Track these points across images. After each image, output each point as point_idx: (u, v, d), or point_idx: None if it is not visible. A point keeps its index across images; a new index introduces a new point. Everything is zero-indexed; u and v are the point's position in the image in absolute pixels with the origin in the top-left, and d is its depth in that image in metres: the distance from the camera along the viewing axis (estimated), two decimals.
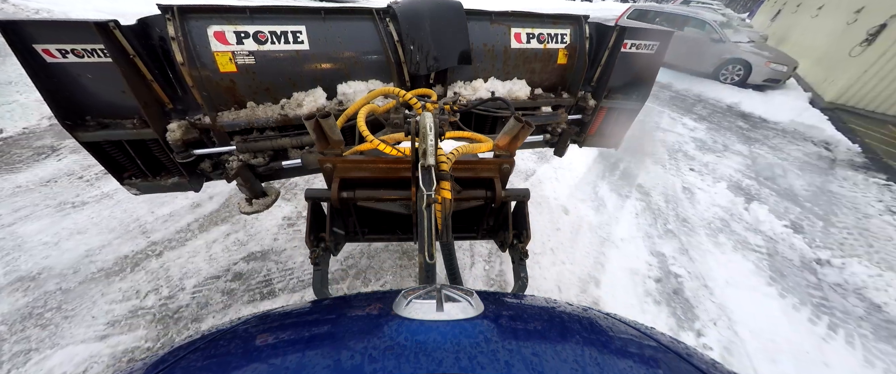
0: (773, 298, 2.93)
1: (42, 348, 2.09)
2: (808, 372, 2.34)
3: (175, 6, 1.54)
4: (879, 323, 2.79)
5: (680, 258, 3.27)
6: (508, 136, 1.18)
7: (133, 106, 1.60)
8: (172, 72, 1.68)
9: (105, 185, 3.37)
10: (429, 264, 0.87)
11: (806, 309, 2.85)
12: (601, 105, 2.47)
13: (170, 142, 1.71)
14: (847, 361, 2.46)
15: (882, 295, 3.03)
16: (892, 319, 2.84)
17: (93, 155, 1.70)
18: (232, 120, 1.77)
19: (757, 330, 2.60)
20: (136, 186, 1.87)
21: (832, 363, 2.42)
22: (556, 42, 2.30)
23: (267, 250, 2.88)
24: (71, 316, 2.28)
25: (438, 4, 1.96)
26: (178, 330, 2.27)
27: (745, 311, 2.76)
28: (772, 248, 3.54)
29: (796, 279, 3.17)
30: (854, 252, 3.60)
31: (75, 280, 2.50)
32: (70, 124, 1.57)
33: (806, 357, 2.44)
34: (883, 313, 2.89)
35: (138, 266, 2.64)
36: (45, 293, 2.39)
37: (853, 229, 4.01)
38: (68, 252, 2.68)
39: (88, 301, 2.38)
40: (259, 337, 0.61)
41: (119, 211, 3.10)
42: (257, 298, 2.51)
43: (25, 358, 2.03)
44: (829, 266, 3.33)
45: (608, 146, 2.78)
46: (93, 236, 2.84)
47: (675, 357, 0.59)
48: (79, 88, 1.54)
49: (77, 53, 1.43)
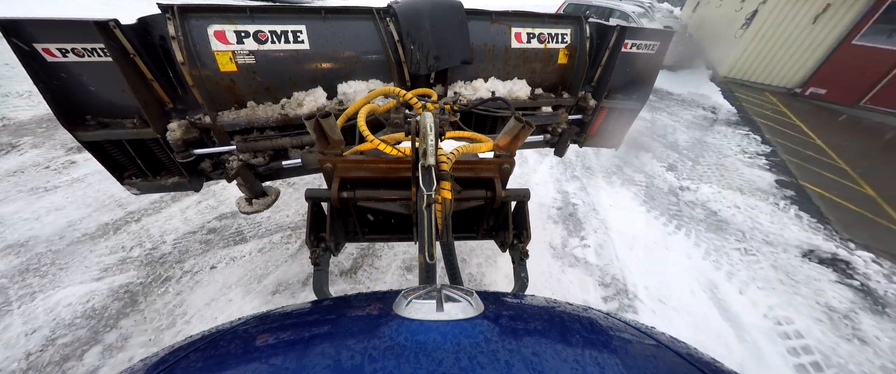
0: (642, 213, 3.91)
1: (45, 289, 2.48)
2: (653, 251, 3.29)
3: (175, 5, 1.54)
4: (711, 222, 3.87)
5: (579, 194, 4.18)
6: (509, 136, 1.18)
7: (133, 105, 1.61)
8: (173, 71, 1.68)
9: (74, 171, 3.59)
10: (429, 264, 0.86)
11: (663, 218, 3.86)
12: (602, 105, 2.47)
13: (170, 141, 1.71)
14: (682, 244, 3.47)
15: (718, 205, 4.14)
16: (721, 219, 3.93)
17: (93, 154, 1.70)
18: (232, 119, 1.78)
19: (624, 233, 3.55)
20: (137, 185, 1.88)
21: (671, 247, 3.41)
22: (557, 42, 2.30)
23: (237, 211, 3.38)
24: (66, 267, 2.64)
25: (439, 4, 1.97)
26: (165, 269, 2.70)
27: (618, 223, 3.71)
28: (650, 182, 4.58)
29: (662, 200, 4.20)
30: (708, 180, 4.74)
31: (63, 244, 2.83)
32: (70, 123, 1.57)
33: (654, 245, 3.42)
34: (716, 216, 3.98)
35: (120, 230, 3.02)
36: (36, 254, 2.71)
37: (712, 165, 5.23)
38: (51, 224, 2.99)
39: (79, 257, 2.74)
40: (259, 337, 0.61)
41: (92, 191, 3.41)
42: (231, 244, 3.01)
43: (32, 298, 2.42)
44: (687, 191, 4.41)
45: (608, 146, 2.79)
46: (72, 211, 3.14)
47: (674, 357, 0.59)
48: (79, 87, 1.54)
49: (77, 53, 1.43)
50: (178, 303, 2.50)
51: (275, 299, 2.60)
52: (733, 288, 2.94)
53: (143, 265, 2.74)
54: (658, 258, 3.26)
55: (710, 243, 3.55)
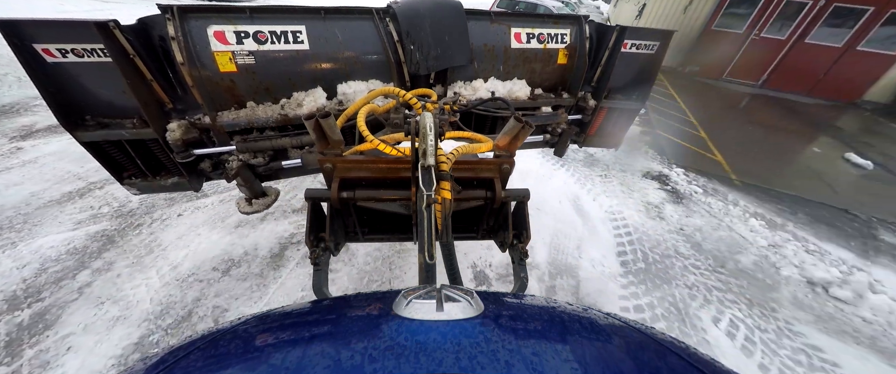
0: (539, 158, 4.83)
1: (24, 240, 2.69)
2: (540, 180, 4.36)
3: (175, 6, 1.54)
4: (587, 161, 5.07)
5: None
6: (508, 136, 1.17)
7: (133, 106, 1.60)
8: (172, 71, 1.68)
9: (24, 155, 3.60)
10: (429, 264, 0.86)
11: (553, 160, 4.84)
12: (601, 105, 2.47)
13: (170, 142, 1.71)
14: (562, 175, 4.57)
15: (594, 149, 5.27)
16: (595, 159, 5.13)
17: (92, 155, 1.69)
18: (232, 120, 1.77)
19: (523, 170, 4.45)
20: (136, 185, 1.87)
21: (554, 176, 4.52)
22: (557, 42, 2.30)
23: None
24: (39, 224, 2.85)
25: (439, 4, 1.96)
26: (135, 219, 3.00)
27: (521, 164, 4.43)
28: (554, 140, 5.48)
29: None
30: None
31: (31, 208, 2.99)
32: (70, 124, 1.57)
33: (543, 176, 4.49)
34: (592, 158, 5.16)
35: (86, 195, 3.21)
36: (7, 217, 2.87)
37: None
38: (13, 196, 3.09)
39: (50, 216, 2.94)
40: (259, 337, 0.61)
41: (47, 169, 3.47)
42: (194, 199, 3.31)
43: (14, 246, 2.63)
44: None
45: (608, 146, 2.78)
46: (31, 186, 3.24)
47: (674, 357, 0.59)
48: (78, 87, 1.54)
49: (77, 53, 1.43)
50: (153, 240, 2.85)
51: (238, 231, 2.99)
52: (589, 198, 4.18)
53: (115, 218, 3.02)
54: (543, 185, 4.33)
55: (582, 173, 4.75)
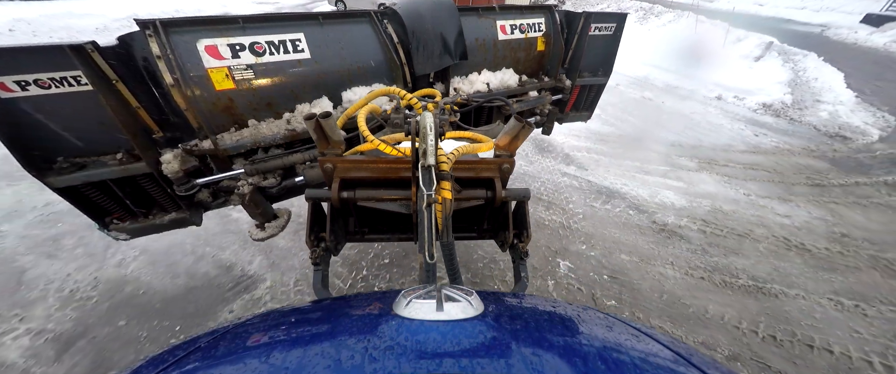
0: None
1: None
2: None
3: (157, 21, 1.37)
4: None
5: None
6: (509, 136, 1.18)
7: (113, 139, 1.43)
8: (160, 95, 1.49)
9: None
10: (429, 264, 0.87)
11: None
12: (576, 83, 2.76)
13: (169, 174, 1.53)
14: None
15: None
16: None
17: (68, 201, 1.46)
18: (236, 141, 1.63)
19: None
20: (126, 229, 1.64)
21: None
22: (535, 31, 2.47)
23: None
24: None
25: (436, 3, 1.99)
26: None
27: None
28: None
29: None
30: None
31: None
32: (38, 170, 1.35)
33: None
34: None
35: None
36: None
37: None
38: None
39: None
40: (259, 337, 0.61)
41: None
42: None
43: None
44: None
45: (583, 120, 3.11)
46: None
47: (675, 357, 0.59)
48: (41, 126, 1.31)
49: (42, 84, 1.23)
50: None
51: None
52: None
53: None
54: None
55: None
